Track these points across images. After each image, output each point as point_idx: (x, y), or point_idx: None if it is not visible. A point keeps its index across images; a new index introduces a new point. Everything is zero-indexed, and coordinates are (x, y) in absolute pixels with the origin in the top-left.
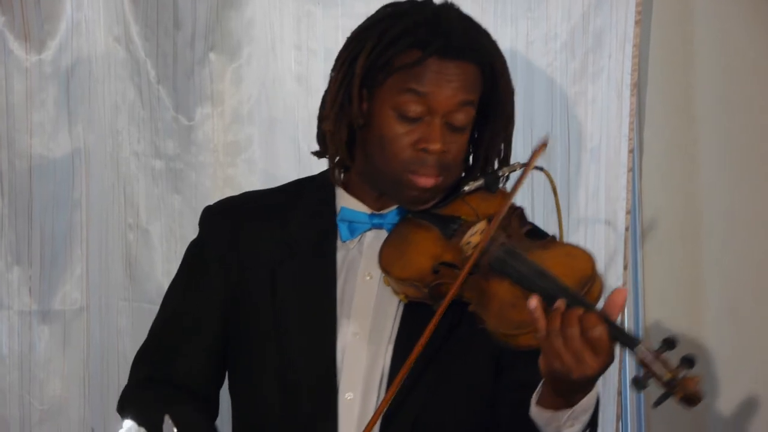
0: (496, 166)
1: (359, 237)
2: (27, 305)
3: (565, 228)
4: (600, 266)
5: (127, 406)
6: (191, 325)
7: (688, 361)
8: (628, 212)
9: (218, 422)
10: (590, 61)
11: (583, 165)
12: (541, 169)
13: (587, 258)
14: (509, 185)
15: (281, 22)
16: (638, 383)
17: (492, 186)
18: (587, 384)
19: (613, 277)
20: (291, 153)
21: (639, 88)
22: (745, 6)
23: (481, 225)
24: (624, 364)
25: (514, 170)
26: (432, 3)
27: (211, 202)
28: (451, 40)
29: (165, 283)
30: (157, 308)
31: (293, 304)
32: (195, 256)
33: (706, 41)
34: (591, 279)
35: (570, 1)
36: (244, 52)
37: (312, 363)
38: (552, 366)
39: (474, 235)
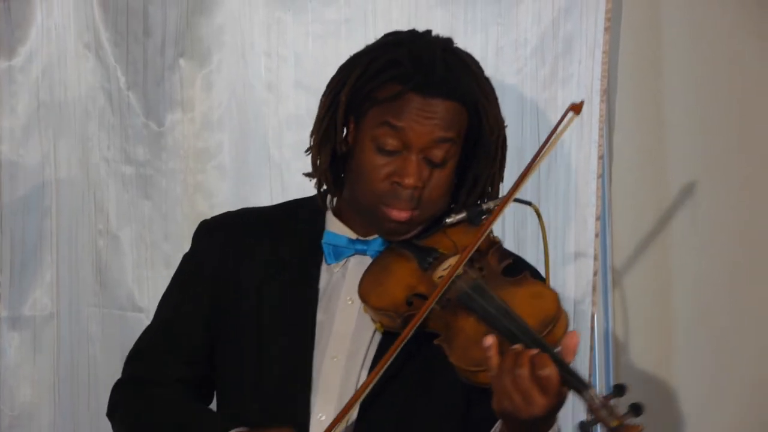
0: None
1: (344, 261)
2: None
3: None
4: (570, 274)
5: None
6: (178, 335)
7: (635, 409)
8: (597, 218)
9: None
10: (560, 67)
11: (553, 171)
12: (529, 203)
13: (553, 298)
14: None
15: (251, 29)
16: (584, 428)
17: (475, 219)
18: (539, 425)
19: (583, 282)
20: (261, 159)
21: (609, 94)
22: (714, 12)
23: (454, 259)
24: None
25: (498, 204)
26: (427, 35)
27: (181, 208)
28: (433, 77)
29: (135, 289)
30: (126, 314)
31: (275, 323)
32: (187, 268)
33: (675, 47)
34: (554, 319)
35: (539, 6)
36: (214, 58)
37: (288, 382)
38: (502, 405)
39: (446, 269)
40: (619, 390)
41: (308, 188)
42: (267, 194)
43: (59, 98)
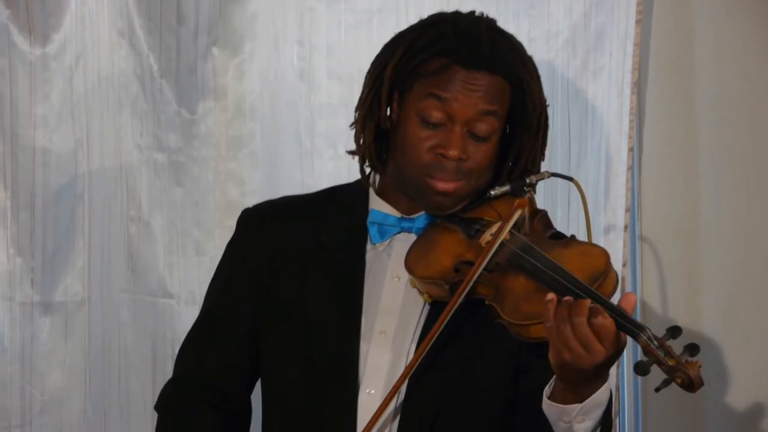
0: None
1: (389, 240)
2: (29, 297)
3: (564, 226)
4: None
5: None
6: (226, 321)
7: (691, 348)
8: (627, 210)
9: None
10: (591, 59)
11: (583, 163)
12: (570, 179)
13: (602, 254)
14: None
15: (284, 18)
16: (641, 367)
17: (518, 192)
18: (597, 374)
19: None
20: (293, 148)
21: (639, 86)
22: (745, 5)
23: (499, 223)
24: (622, 360)
25: (542, 178)
26: (472, 15)
27: (213, 196)
28: (478, 51)
29: (166, 275)
30: (157, 300)
31: (321, 303)
32: (230, 258)
33: (706, 40)
34: (603, 274)
35: None
36: (246, 47)
37: (336, 359)
38: (561, 356)
39: (493, 234)
40: (673, 331)
41: (339, 176)
42: (298, 182)
43: (92, 85)
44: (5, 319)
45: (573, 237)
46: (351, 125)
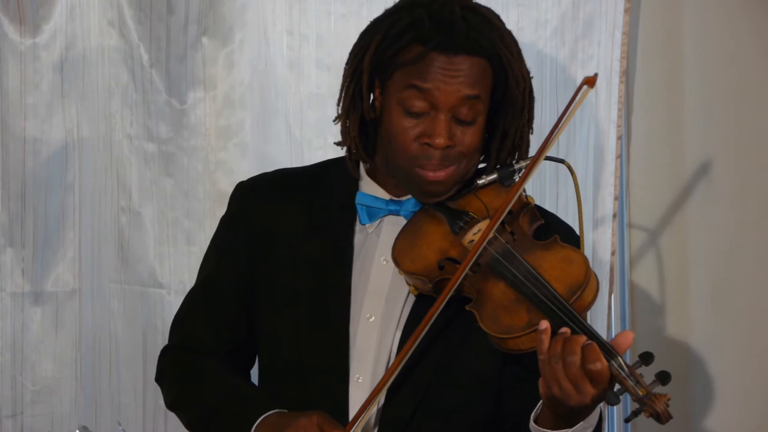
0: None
1: (378, 221)
2: (20, 287)
3: (553, 209)
4: (589, 252)
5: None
6: (219, 293)
7: (662, 377)
8: (616, 198)
9: None
10: (580, 48)
11: (572, 151)
12: (562, 161)
13: (582, 263)
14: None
15: (273, 8)
16: (611, 397)
17: (506, 180)
18: (585, 410)
19: (600, 263)
20: (282, 137)
21: (627, 75)
22: None
23: (483, 223)
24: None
25: (528, 164)
26: None
27: (203, 186)
28: (454, 35)
29: (157, 265)
30: (148, 290)
31: (310, 284)
32: (223, 231)
33: (693, 29)
34: (582, 285)
35: None
36: (236, 37)
37: (325, 343)
38: (550, 390)
39: (476, 234)
40: (645, 358)
41: None
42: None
43: (82, 75)
44: None
45: (556, 239)
46: (335, 120)
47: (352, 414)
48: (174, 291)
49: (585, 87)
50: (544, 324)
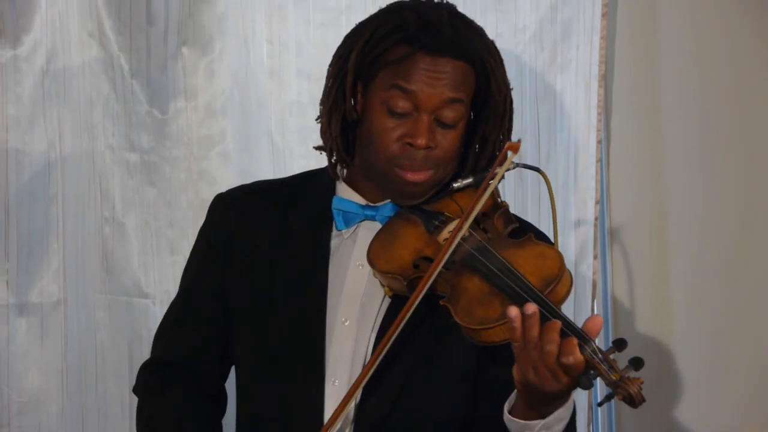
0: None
1: (354, 227)
2: (4, 298)
3: (536, 217)
4: (571, 256)
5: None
6: (197, 306)
7: (635, 363)
8: (597, 202)
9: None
10: (559, 53)
11: (553, 155)
12: (537, 169)
13: (556, 257)
14: (500, 187)
15: (253, 17)
16: (584, 381)
17: (481, 184)
18: (560, 395)
19: (583, 266)
20: (264, 146)
21: (606, 79)
22: None
23: (457, 221)
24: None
25: (507, 169)
26: (432, 1)
27: (185, 195)
28: (440, 37)
29: (141, 275)
30: (132, 300)
31: (287, 289)
32: (201, 240)
33: (670, 33)
34: (556, 278)
35: None
36: (216, 46)
37: (302, 348)
38: (526, 376)
39: (451, 231)
40: (619, 344)
41: None
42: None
43: (64, 87)
44: None
45: (530, 237)
46: (317, 119)
47: (327, 417)
48: (159, 300)
49: (510, 153)
50: (514, 311)
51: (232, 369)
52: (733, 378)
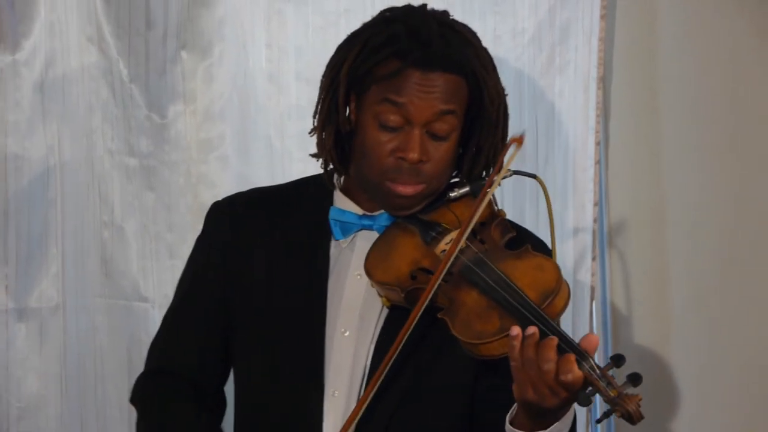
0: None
1: (351, 237)
2: (3, 303)
3: (534, 222)
4: (569, 258)
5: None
6: (194, 315)
7: (633, 379)
8: (595, 204)
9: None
10: (557, 55)
11: (551, 158)
12: (533, 176)
13: (553, 270)
14: (498, 192)
15: (252, 21)
16: (583, 398)
17: (478, 193)
18: (560, 411)
19: (582, 268)
20: (263, 150)
21: (604, 81)
22: (708, 0)
23: (455, 233)
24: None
25: (504, 177)
26: (422, 9)
27: (185, 199)
28: (431, 51)
29: (140, 279)
30: (132, 304)
31: (286, 300)
32: (199, 249)
33: (669, 34)
34: (554, 291)
35: None
36: (215, 50)
37: (301, 359)
38: (524, 394)
39: (449, 243)
40: (617, 360)
41: None
42: (269, 185)
43: (63, 91)
44: None
45: (527, 248)
46: (310, 132)
47: (326, 429)
48: (158, 305)
49: (513, 146)
50: (516, 330)
51: (231, 374)
52: (731, 381)
